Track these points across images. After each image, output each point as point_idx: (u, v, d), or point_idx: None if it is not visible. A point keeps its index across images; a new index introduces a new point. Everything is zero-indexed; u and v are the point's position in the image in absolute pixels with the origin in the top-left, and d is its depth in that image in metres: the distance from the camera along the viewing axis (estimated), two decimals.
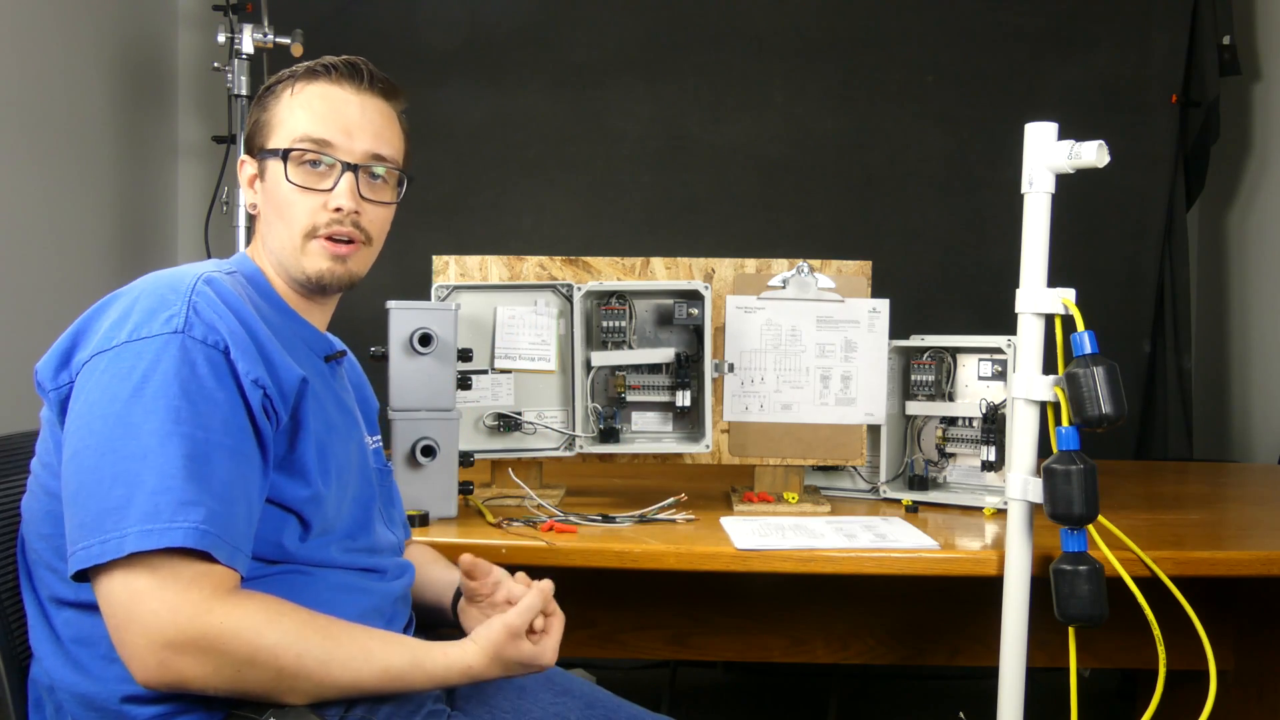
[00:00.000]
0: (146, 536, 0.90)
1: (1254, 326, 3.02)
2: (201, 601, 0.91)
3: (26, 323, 2.35)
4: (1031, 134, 1.36)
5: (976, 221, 2.97)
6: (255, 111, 1.17)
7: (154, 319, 0.98)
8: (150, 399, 0.94)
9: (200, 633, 0.91)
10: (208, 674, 0.91)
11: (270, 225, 1.15)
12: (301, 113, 1.13)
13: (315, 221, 1.12)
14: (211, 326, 0.99)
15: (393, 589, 1.18)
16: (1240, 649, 1.92)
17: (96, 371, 0.97)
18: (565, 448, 1.78)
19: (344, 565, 1.11)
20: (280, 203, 1.13)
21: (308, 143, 1.12)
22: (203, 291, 1.01)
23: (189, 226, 3.11)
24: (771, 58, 3.02)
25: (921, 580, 1.49)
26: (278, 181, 1.13)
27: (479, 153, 2.99)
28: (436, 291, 1.78)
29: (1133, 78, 2.96)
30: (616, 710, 1.30)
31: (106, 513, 0.91)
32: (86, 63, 2.66)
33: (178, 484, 0.92)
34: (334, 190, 1.12)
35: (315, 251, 1.13)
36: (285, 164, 1.12)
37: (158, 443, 0.93)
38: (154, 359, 0.96)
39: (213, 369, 0.97)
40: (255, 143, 1.16)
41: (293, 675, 0.95)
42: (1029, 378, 1.36)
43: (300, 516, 1.06)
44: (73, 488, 0.95)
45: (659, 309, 1.82)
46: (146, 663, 0.90)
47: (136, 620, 0.90)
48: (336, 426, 1.12)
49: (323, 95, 1.13)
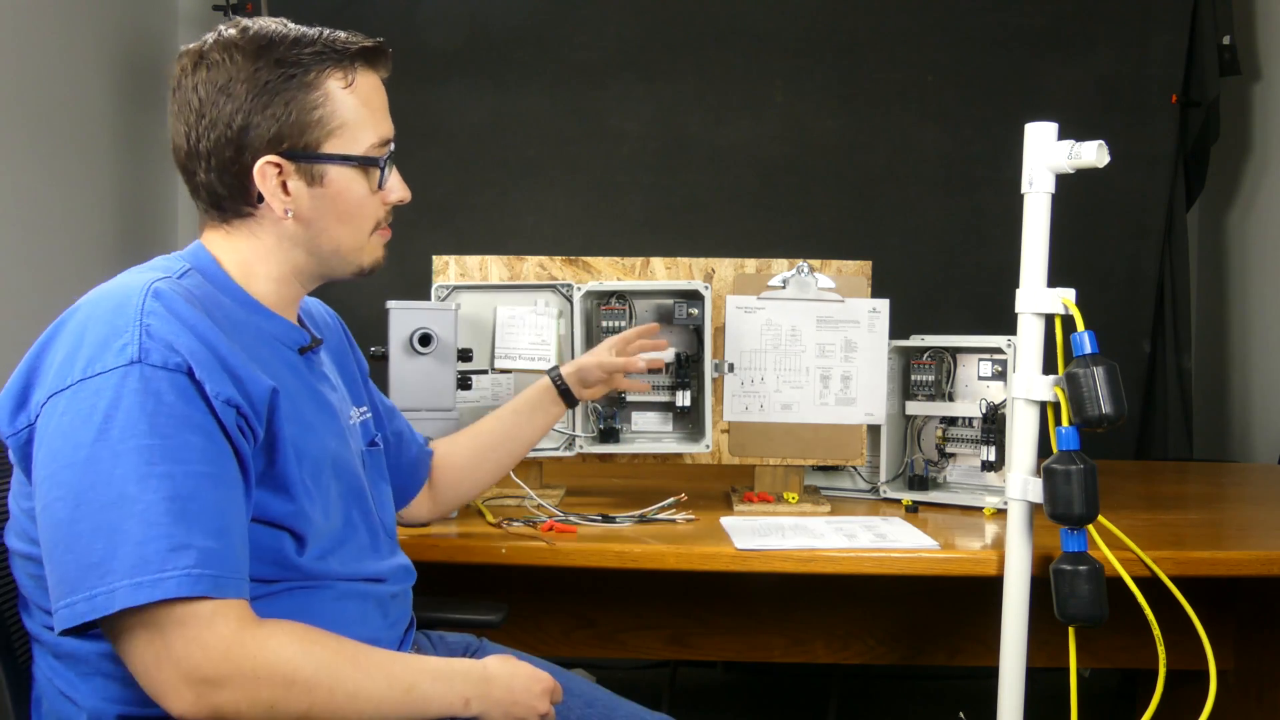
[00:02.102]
0: (138, 590, 0.85)
1: (1254, 326, 3.02)
2: (231, 635, 0.89)
3: (27, 323, 2.34)
4: (1031, 134, 1.36)
5: (976, 221, 2.97)
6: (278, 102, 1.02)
7: (106, 350, 0.90)
8: (117, 440, 0.87)
9: (236, 666, 0.88)
10: (245, 707, 0.89)
11: (326, 230, 1.07)
12: (366, 112, 1.06)
13: (379, 217, 1.10)
14: (170, 347, 0.91)
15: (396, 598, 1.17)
16: (1240, 649, 1.92)
17: (55, 414, 0.89)
18: (565, 448, 1.78)
19: (346, 576, 1.08)
20: (351, 208, 1.07)
21: (385, 145, 1.08)
22: (152, 309, 0.92)
23: (189, 226, 3.11)
24: (771, 58, 3.02)
25: (921, 580, 1.49)
26: (349, 188, 1.06)
27: (479, 153, 2.99)
28: (436, 291, 1.78)
29: (1133, 78, 2.96)
30: (616, 709, 1.30)
31: (90, 568, 0.86)
32: (86, 63, 2.66)
33: (162, 530, 0.86)
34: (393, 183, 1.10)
35: (376, 244, 1.11)
36: (383, 173, 1.07)
37: (135, 488, 0.87)
38: (114, 396, 0.88)
39: (179, 394, 0.90)
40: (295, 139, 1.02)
41: (324, 706, 0.93)
42: (1029, 378, 1.36)
43: (292, 531, 1.02)
44: (49, 543, 0.89)
45: (659, 309, 1.82)
46: (185, 699, 0.87)
47: (168, 660, 0.87)
48: (314, 426, 1.07)
49: (375, 86, 1.08)
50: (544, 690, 1.08)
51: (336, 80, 1.04)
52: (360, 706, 0.95)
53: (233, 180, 1.03)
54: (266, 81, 1.01)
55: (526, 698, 1.06)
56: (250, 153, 1.02)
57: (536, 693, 1.07)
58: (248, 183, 1.03)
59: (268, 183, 1.03)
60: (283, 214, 1.05)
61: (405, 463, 1.40)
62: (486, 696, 1.03)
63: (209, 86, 1.02)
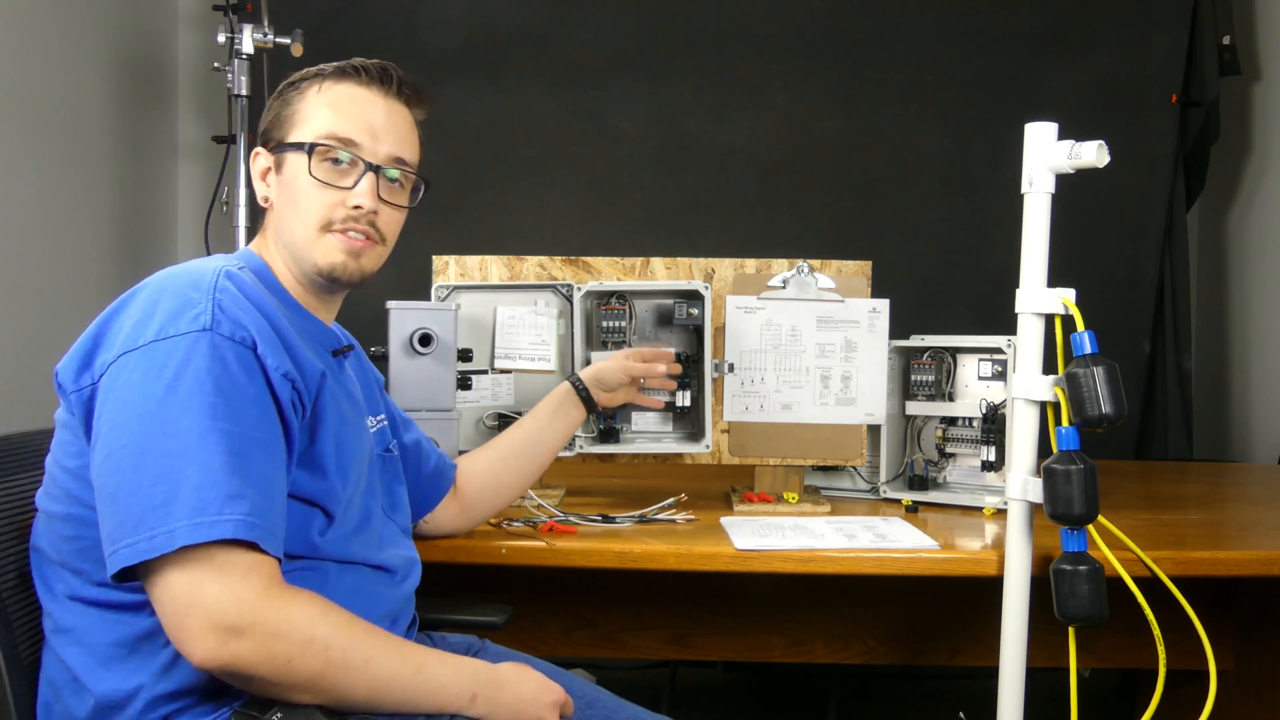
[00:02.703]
0: (197, 529, 0.91)
1: (1254, 326, 3.02)
2: (262, 589, 0.94)
3: (27, 323, 2.35)
4: (1031, 134, 1.36)
5: (976, 221, 2.97)
6: (275, 105, 1.18)
7: (180, 317, 0.98)
8: (185, 396, 0.95)
9: (260, 618, 0.93)
10: (262, 660, 0.93)
11: (284, 218, 1.15)
12: (328, 110, 1.15)
13: (332, 216, 1.14)
14: (238, 322, 1.00)
15: (402, 590, 1.20)
16: (1240, 649, 1.92)
17: (126, 370, 0.97)
18: (565, 448, 1.78)
19: (360, 561, 1.13)
20: (298, 196, 1.14)
21: (333, 139, 1.14)
22: (225, 287, 1.02)
23: (189, 226, 3.11)
24: (771, 58, 3.02)
25: (921, 580, 1.49)
26: (296, 175, 1.14)
27: (479, 153, 2.99)
28: (436, 291, 1.78)
29: (1133, 78, 2.96)
30: (616, 710, 1.30)
31: (151, 510, 0.92)
32: (86, 63, 2.66)
33: (221, 478, 0.94)
34: (355, 188, 1.14)
35: (330, 245, 1.14)
36: (310, 158, 1.13)
37: (197, 439, 0.94)
38: (185, 357, 0.96)
39: (243, 365, 0.99)
40: (273, 135, 1.17)
41: (339, 667, 0.97)
42: (1029, 378, 1.36)
43: (324, 509, 1.08)
44: (110, 487, 0.95)
45: (659, 309, 1.82)
46: (207, 644, 0.92)
47: (199, 605, 0.92)
48: (349, 420, 1.14)
49: (351, 96, 1.16)
50: (554, 702, 1.10)
51: (315, 88, 1.17)
52: (372, 675, 0.99)
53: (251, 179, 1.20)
54: (279, 94, 1.19)
55: (535, 707, 1.08)
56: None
57: (546, 703, 1.09)
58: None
59: (256, 170, 1.19)
60: (263, 200, 1.18)
61: (424, 472, 1.42)
62: (494, 699, 1.06)
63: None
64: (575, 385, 1.56)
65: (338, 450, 1.09)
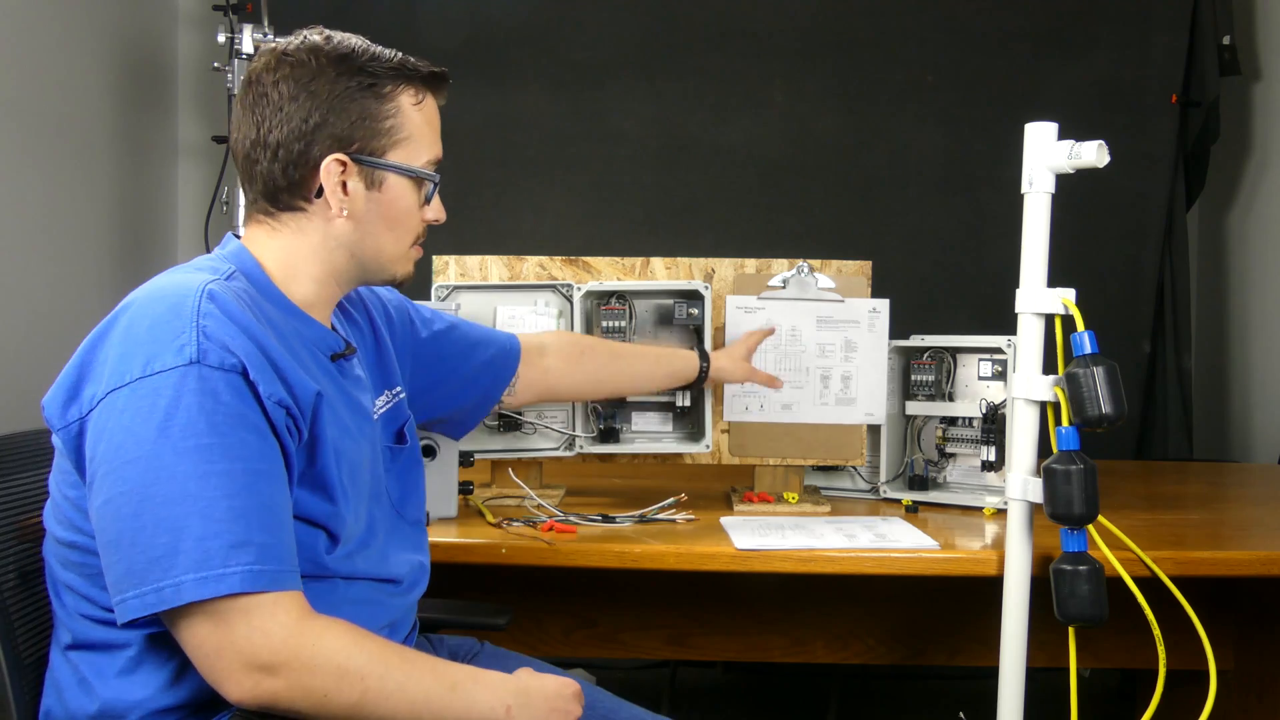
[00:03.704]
0: (203, 585, 0.90)
1: (1254, 326, 3.02)
2: (292, 624, 0.93)
3: (27, 323, 2.35)
4: (1031, 134, 1.37)
5: (976, 221, 2.97)
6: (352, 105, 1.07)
7: (165, 350, 0.94)
8: (178, 438, 0.92)
9: (293, 654, 0.92)
10: (299, 696, 0.93)
11: (372, 234, 1.11)
12: (430, 132, 1.13)
13: (419, 231, 1.16)
14: (225, 349, 0.95)
15: (407, 600, 1.20)
16: (1240, 649, 1.92)
17: (115, 411, 0.93)
18: (565, 448, 1.78)
19: (364, 576, 1.11)
20: (400, 216, 1.12)
21: (438, 167, 1.15)
22: (208, 311, 0.96)
23: (189, 226, 3.11)
24: (771, 58, 3.02)
25: (921, 580, 1.49)
26: (403, 196, 1.12)
27: (479, 153, 2.99)
28: (436, 291, 1.78)
29: (1133, 78, 2.96)
30: (616, 710, 1.30)
31: (153, 562, 0.90)
32: (86, 63, 2.66)
33: (224, 527, 0.91)
34: (433, 204, 1.17)
35: (411, 256, 1.17)
36: (421, 187, 1.13)
37: (196, 485, 0.91)
38: (174, 395, 0.92)
39: (235, 394, 0.95)
40: (361, 141, 1.08)
41: (376, 695, 0.96)
42: (1029, 378, 1.36)
43: (327, 530, 1.06)
44: (111, 535, 0.93)
45: (659, 309, 1.82)
46: (243, 685, 0.91)
47: (228, 647, 0.91)
48: (350, 429, 1.11)
49: (436, 111, 1.16)
50: (575, 694, 1.10)
51: (409, 97, 1.11)
52: (410, 698, 0.98)
53: (295, 173, 1.07)
54: (347, 86, 1.07)
55: (562, 703, 1.08)
56: (319, 148, 1.07)
57: (569, 696, 1.09)
58: (310, 177, 1.07)
59: (330, 179, 1.07)
60: (338, 211, 1.09)
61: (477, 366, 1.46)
62: (528, 706, 1.05)
63: (290, 83, 1.06)
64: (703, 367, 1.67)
65: (339, 465, 1.07)
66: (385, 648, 0.99)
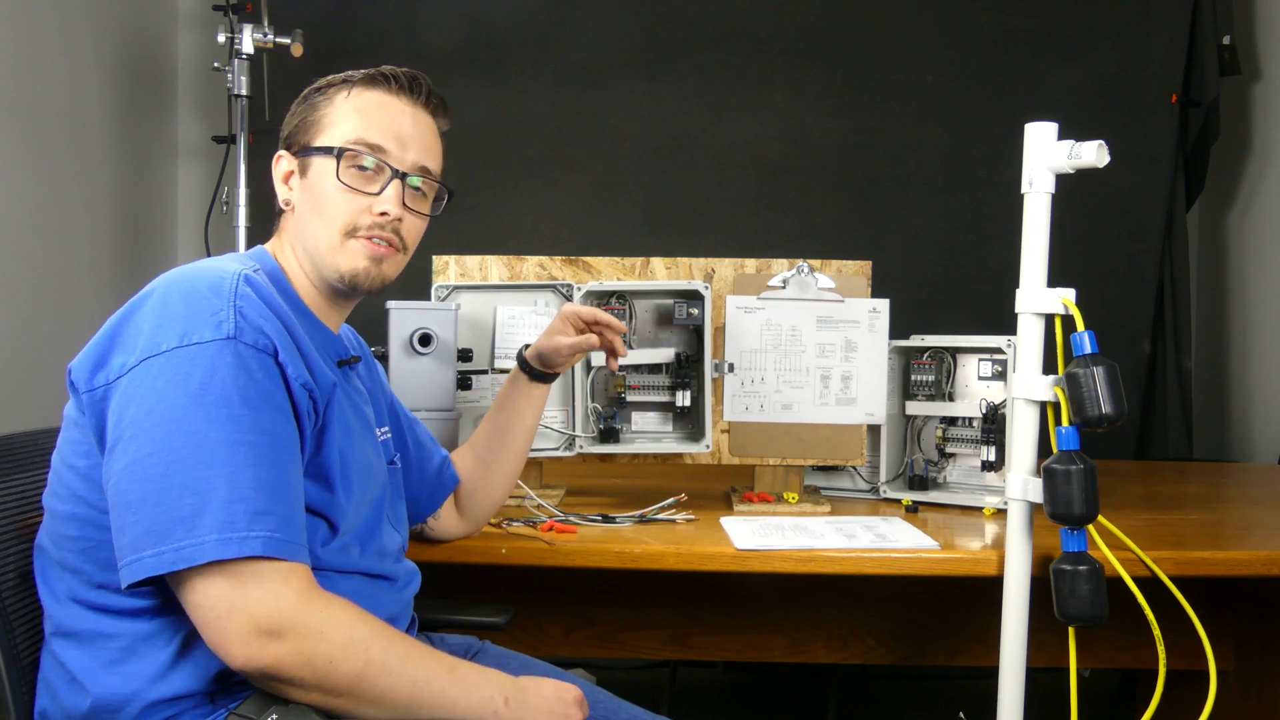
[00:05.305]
0: (226, 545, 0.92)
1: (1254, 326, 3.02)
2: (302, 593, 0.96)
3: (27, 322, 2.35)
4: (1031, 134, 1.36)
5: (976, 221, 2.97)
6: (302, 109, 1.17)
7: (202, 324, 0.98)
8: (212, 406, 0.95)
9: (301, 619, 0.94)
10: (303, 661, 0.94)
11: (307, 222, 1.15)
12: (357, 116, 1.15)
13: (357, 222, 1.14)
14: (260, 330, 1.00)
15: (402, 597, 1.21)
16: (1240, 649, 1.92)
17: (149, 377, 0.96)
18: (565, 448, 1.78)
19: (360, 570, 1.13)
20: (322, 200, 1.13)
21: (362, 145, 1.13)
22: (245, 293, 1.01)
23: (189, 226, 3.11)
24: (771, 58, 3.02)
25: (921, 580, 1.49)
26: (322, 179, 1.14)
27: (479, 153, 2.99)
28: (436, 291, 1.78)
29: (1133, 78, 2.96)
30: (616, 710, 1.30)
31: (178, 521, 0.92)
32: (86, 63, 2.66)
33: (249, 493, 0.94)
34: (381, 195, 1.14)
35: (353, 250, 1.14)
36: (338, 163, 1.13)
37: (226, 452, 0.94)
38: (210, 366, 0.96)
39: (266, 373, 0.99)
40: (299, 139, 1.16)
41: (379, 668, 0.98)
42: (1029, 378, 1.36)
43: (327, 519, 1.08)
44: (133, 495, 0.94)
45: (659, 309, 1.82)
46: (249, 647, 0.93)
47: (241, 608, 0.93)
48: (354, 431, 1.14)
49: (380, 103, 1.16)
50: (577, 698, 1.11)
51: (343, 92, 1.17)
52: (412, 675, 1.00)
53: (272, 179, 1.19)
54: (308, 101, 1.18)
55: (560, 706, 1.09)
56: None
57: (569, 700, 1.10)
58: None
59: (278, 173, 1.17)
60: (284, 203, 1.17)
61: (429, 472, 1.41)
62: (523, 703, 1.06)
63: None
64: (522, 366, 1.48)
65: (341, 461, 1.09)
66: (388, 628, 1.01)
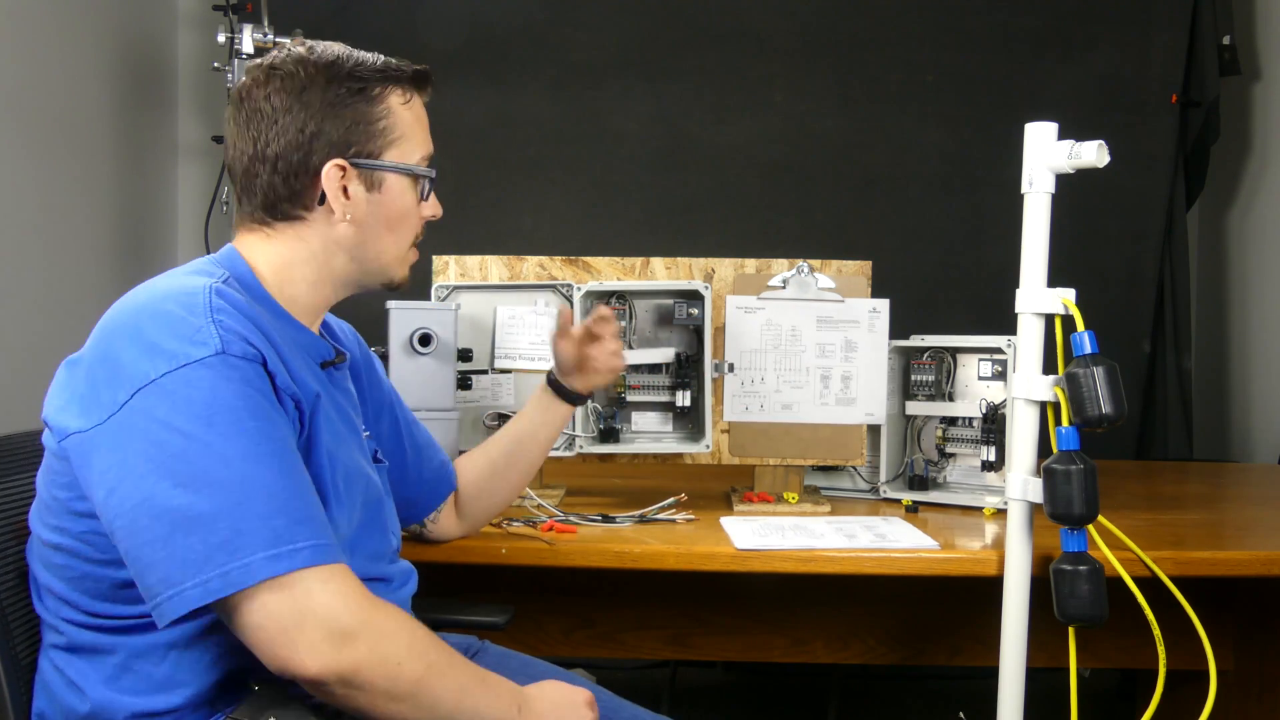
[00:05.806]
0: (276, 561, 0.90)
1: (1254, 326, 3.02)
2: (363, 594, 0.95)
3: (27, 323, 2.35)
4: (1031, 134, 1.36)
5: (976, 221, 2.97)
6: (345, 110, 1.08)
7: (186, 344, 0.93)
8: (224, 425, 0.92)
9: (370, 617, 0.93)
10: (376, 661, 0.92)
11: (377, 236, 1.12)
12: (420, 129, 1.14)
13: (418, 230, 1.17)
14: (245, 340, 0.96)
15: (399, 597, 1.20)
16: (1240, 649, 1.92)
17: (145, 409, 0.91)
18: (565, 448, 1.78)
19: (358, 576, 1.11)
20: (399, 216, 1.13)
21: (430, 164, 1.15)
22: (220, 305, 0.97)
23: (189, 226, 3.11)
24: (771, 58, 3.02)
25: (921, 580, 1.49)
26: (401, 197, 1.13)
27: (479, 153, 2.99)
28: (436, 291, 1.78)
29: (1133, 78, 2.96)
30: (617, 710, 1.30)
31: (216, 546, 0.89)
32: (86, 63, 2.66)
33: (284, 504, 0.92)
34: (431, 200, 1.17)
35: (410, 258, 1.18)
36: (428, 185, 1.14)
37: (251, 468, 0.92)
38: (209, 384, 0.92)
39: (260, 381, 0.97)
40: (358, 145, 1.09)
41: (437, 672, 0.97)
42: (1029, 378, 1.36)
43: None
44: (156, 530, 0.90)
45: (659, 309, 1.82)
46: (324, 655, 0.90)
47: (310, 616, 0.90)
48: (342, 435, 1.11)
49: (424, 109, 1.16)
50: (587, 700, 1.10)
51: (397, 97, 1.12)
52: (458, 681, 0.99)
53: (296, 183, 1.08)
54: (338, 92, 1.08)
55: (571, 710, 1.08)
56: (318, 156, 1.08)
57: (579, 703, 1.09)
58: (311, 185, 1.08)
59: (332, 184, 1.08)
60: (341, 216, 1.10)
61: (427, 473, 1.40)
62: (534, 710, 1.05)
63: (283, 95, 1.07)
64: (550, 381, 1.49)
65: (331, 468, 1.06)
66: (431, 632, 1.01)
